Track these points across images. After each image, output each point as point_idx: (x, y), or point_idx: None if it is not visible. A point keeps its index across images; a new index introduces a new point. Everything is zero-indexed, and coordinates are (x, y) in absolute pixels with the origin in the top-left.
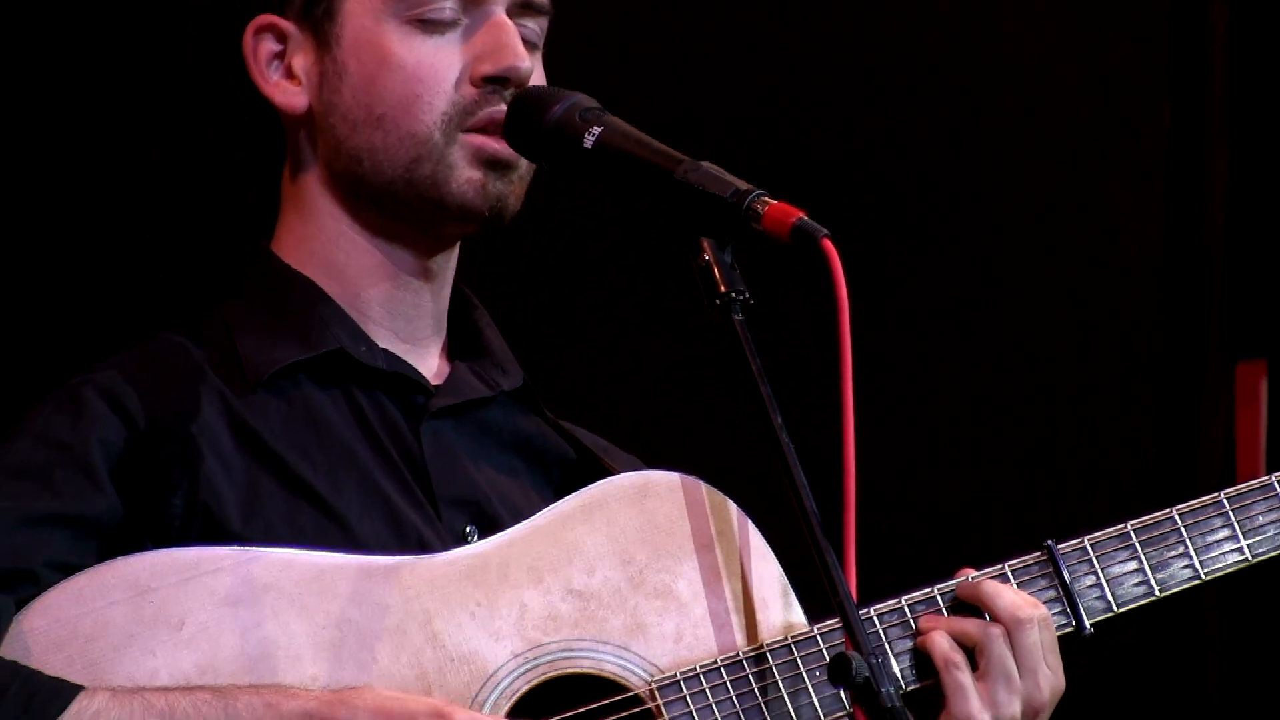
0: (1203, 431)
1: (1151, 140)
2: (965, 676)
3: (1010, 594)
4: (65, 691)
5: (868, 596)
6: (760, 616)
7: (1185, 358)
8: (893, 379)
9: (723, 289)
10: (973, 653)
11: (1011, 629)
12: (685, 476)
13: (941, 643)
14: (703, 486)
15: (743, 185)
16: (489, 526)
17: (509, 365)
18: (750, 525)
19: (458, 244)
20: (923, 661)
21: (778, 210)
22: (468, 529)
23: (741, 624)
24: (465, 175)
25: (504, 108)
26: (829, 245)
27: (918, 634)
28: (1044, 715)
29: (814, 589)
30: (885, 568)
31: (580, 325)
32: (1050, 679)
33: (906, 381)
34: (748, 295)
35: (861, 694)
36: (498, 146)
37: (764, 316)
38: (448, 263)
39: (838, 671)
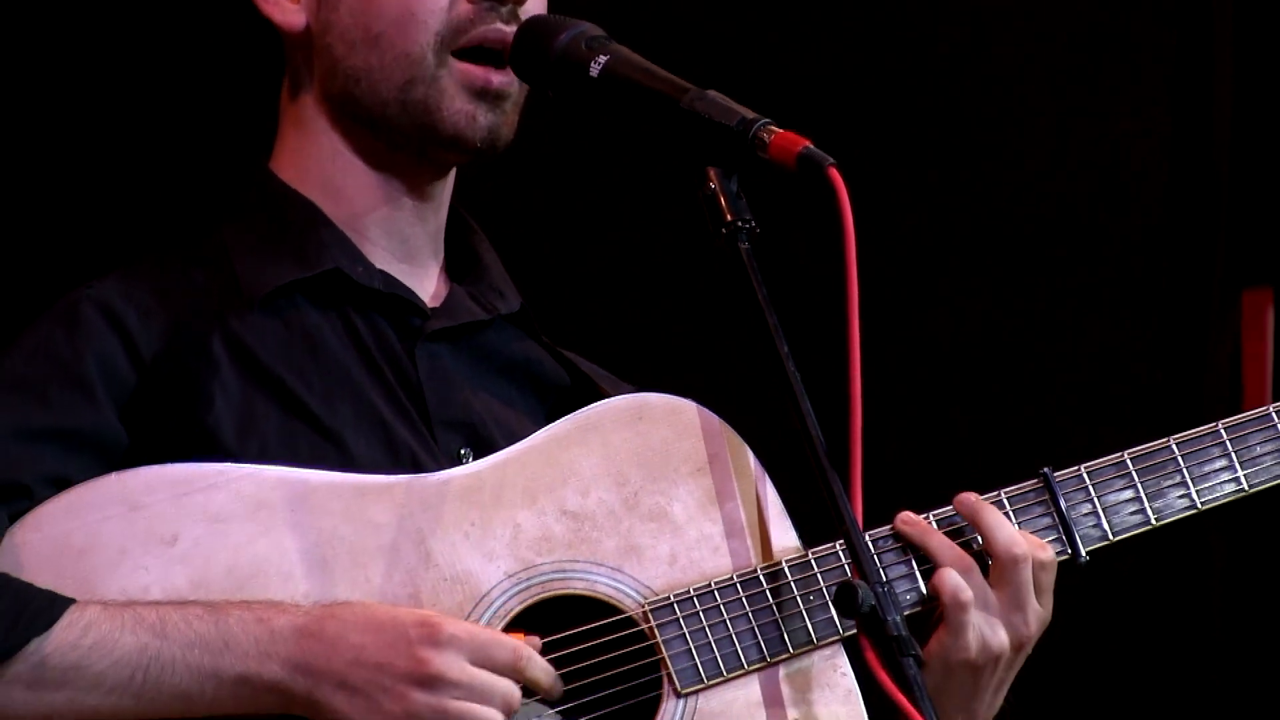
0: (1208, 360)
1: (1156, 66)
2: (970, 615)
3: (1008, 528)
4: (57, 604)
5: (869, 522)
6: (755, 540)
7: (1191, 285)
8: (897, 307)
9: (729, 218)
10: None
11: (1005, 564)
12: (681, 399)
13: (951, 580)
14: (699, 410)
15: (749, 114)
16: (484, 449)
17: (507, 290)
18: (746, 449)
19: (454, 169)
20: (918, 589)
21: (783, 139)
22: (462, 451)
23: (736, 547)
24: (456, 106)
25: (499, 26)
26: (835, 173)
27: (910, 540)
28: (1028, 647)
29: (816, 516)
30: (882, 493)
31: (582, 253)
32: (1039, 614)
33: (910, 309)
34: (754, 224)
35: (867, 623)
36: (487, 77)
37: (770, 245)
38: (444, 186)
39: (843, 600)
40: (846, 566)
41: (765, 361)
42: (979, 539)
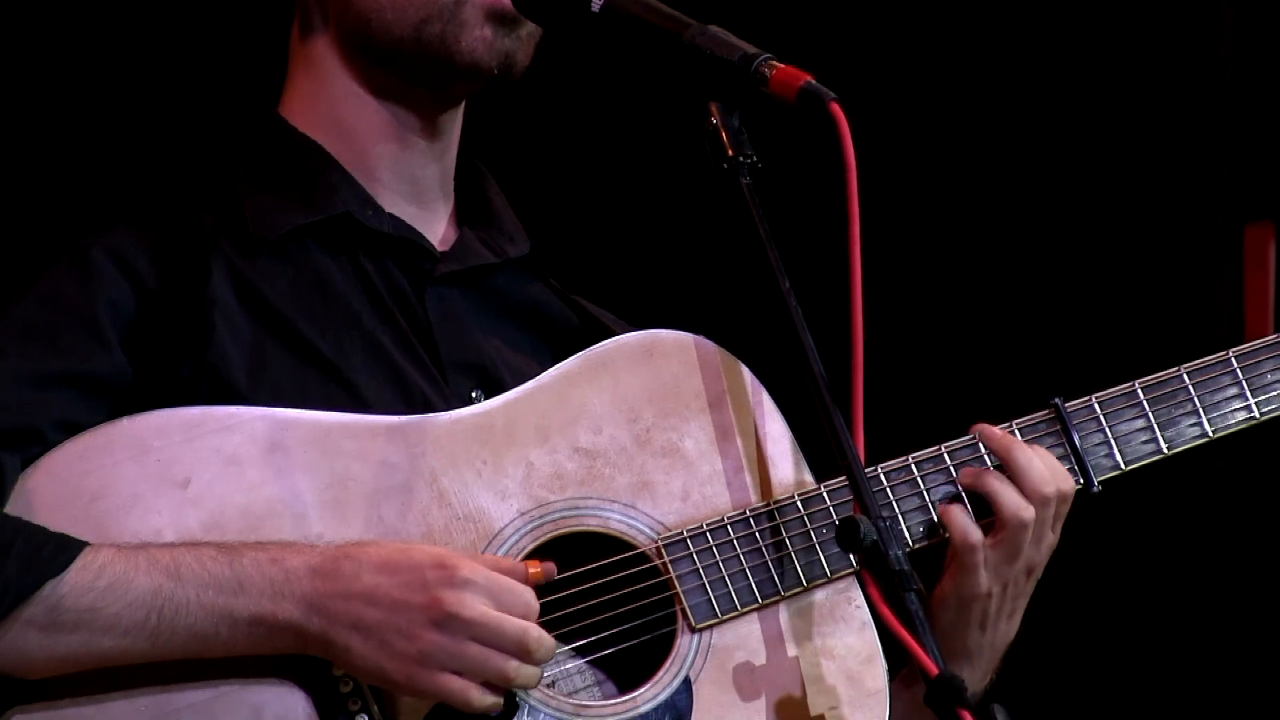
0: (1210, 295)
1: (1159, 1)
2: (980, 554)
3: (1039, 468)
4: (71, 547)
5: (876, 455)
6: (767, 475)
7: (1193, 220)
8: (900, 240)
9: (730, 153)
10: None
11: (1036, 507)
12: (693, 335)
13: (961, 521)
14: (710, 345)
15: (750, 49)
16: (495, 391)
17: (516, 234)
18: (758, 384)
19: (463, 104)
20: (932, 522)
21: (785, 74)
22: (474, 393)
23: (748, 482)
24: (475, 33)
25: None
26: (836, 108)
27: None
28: (1039, 571)
29: (821, 450)
30: (892, 426)
31: (586, 192)
32: (1050, 540)
33: (914, 242)
34: (755, 159)
35: (869, 557)
36: (506, 1)
37: (771, 180)
38: (454, 122)
39: (845, 535)
40: (887, 493)
41: (767, 297)
42: (955, 471)
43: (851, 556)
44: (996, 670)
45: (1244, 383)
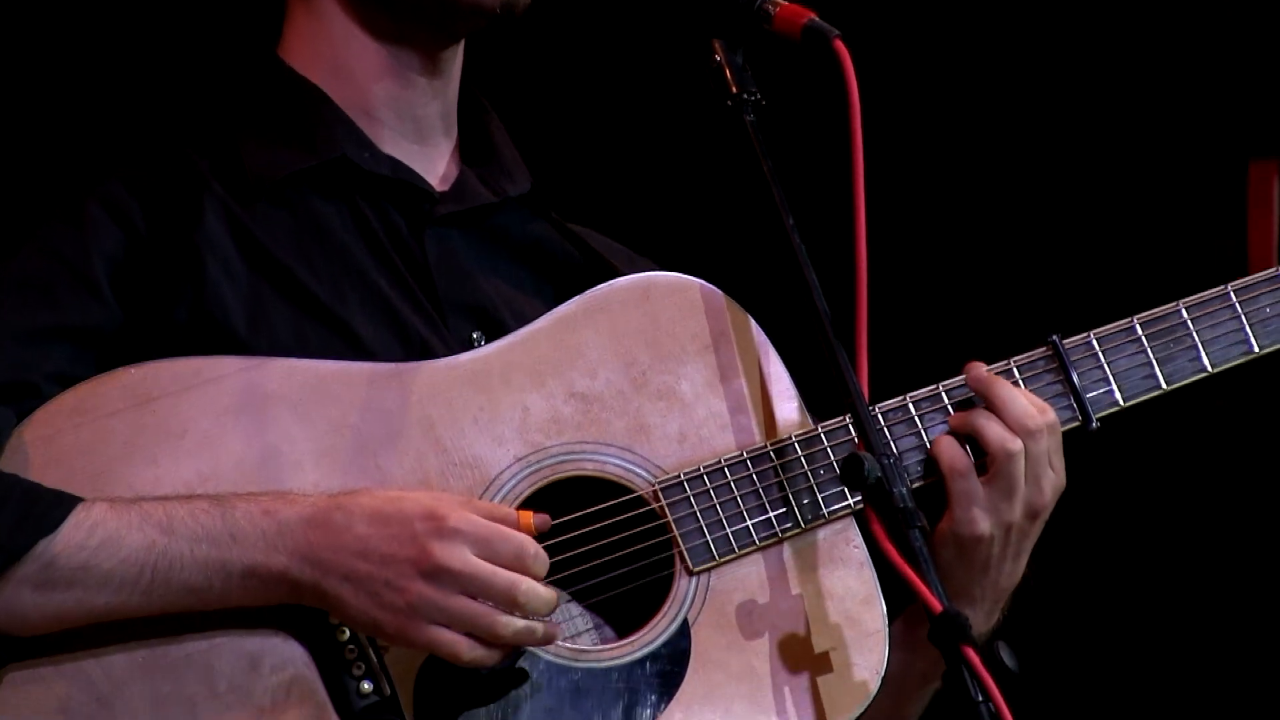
0: (1214, 232)
1: None
2: (969, 483)
3: (1021, 402)
4: (64, 503)
5: (876, 395)
6: (764, 416)
7: (1196, 157)
8: (903, 178)
9: (734, 90)
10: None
11: (1021, 439)
12: (687, 277)
13: (949, 449)
14: (707, 288)
15: None
16: (496, 333)
17: (517, 171)
18: (754, 325)
19: (463, 41)
20: (929, 460)
21: (788, 10)
22: (474, 335)
23: (746, 424)
24: None
25: None
26: (840, 46)
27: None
28: (1045, 514)
29: (823, 391)
30: (891, 365)
31: (590, 130)
32: (1053, 480)
33: (916, 180)
34: (759, 96)
35: (873, 495)
36: None
37: (775, 118)
38: (455, 60)
39: (849, 472)
40: (855, 440)
41: (770, 235)
42: (953, 410)
43: (850, 496)
44: (1004, 612)
45: (1243, 317)
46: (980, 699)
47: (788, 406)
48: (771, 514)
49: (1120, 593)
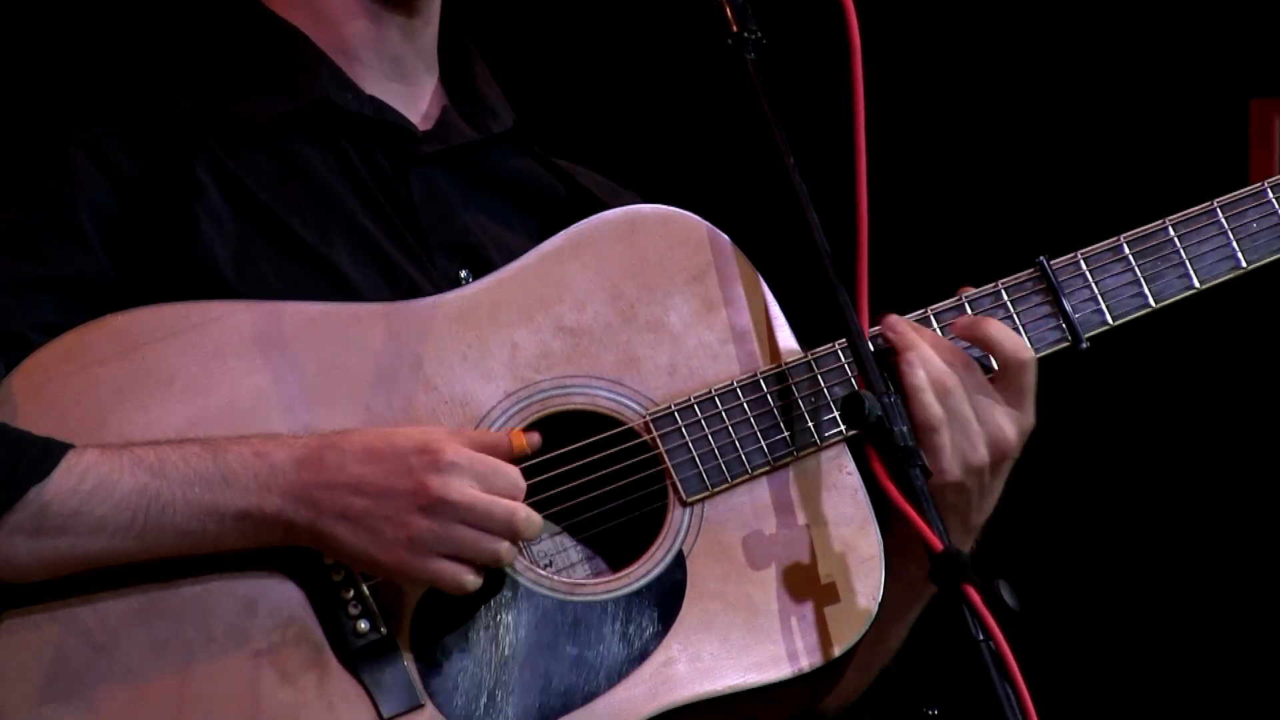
0: (1215, 170)
1: None
2: (943, 437)
3: (945, 342)
4: (54, 451)
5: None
6: (753, 346)
7: (1197, 95)
8: (900, 110)
9: (734, 29)
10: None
11: (963, 375)
12: (673, 209)
13: (920, 405)
14: (693, 219)
15: None
16: (483, 271)
17: (500, 108)
18: (741, 255)
19: None
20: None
21: None
22: (462, 274)
23: (735, 353)
24: None
25: None
26: None
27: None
28: (1012, 454)
29: (819, 325)
30: (880, 287)
31: (585, 65)
32: (1016, 418)
33: (912, 110)
34: (760, 35)
35: (874, 433)
36: None
37: (776, 56)
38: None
39: (850, 411)
40: (847, 366)
41: (771, 175)
42: (941, 333)
43: (843, 425)
44: (976, 544)
45: (1229, 233)
46: (981, 638)
47: (777, 335)
48: (764, 442)
49: (1120, 525)
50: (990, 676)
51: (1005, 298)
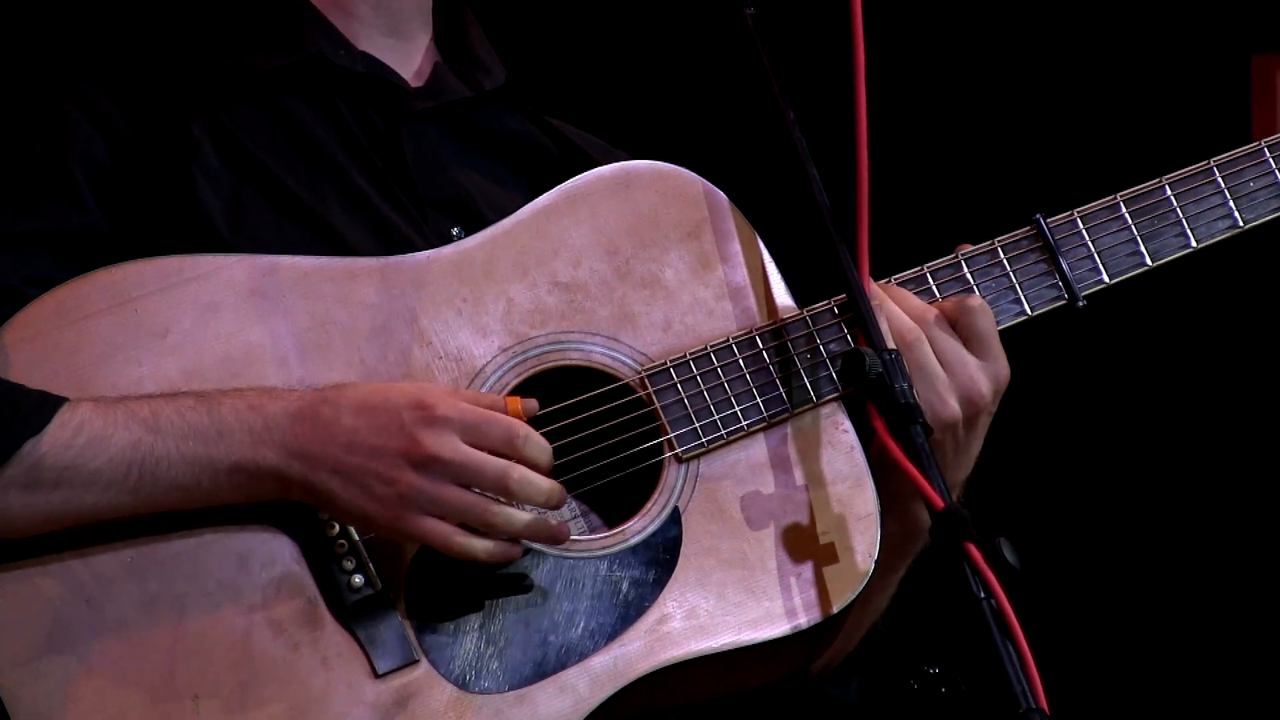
0: (1216, 126)
1: None
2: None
3: (908, 300)
4: (48, 405)
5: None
6: (748, 302)
7: (1198, 51)
8: (899, 66)
9: None
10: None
11: (925, 327)
12: (669, 165)
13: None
14: (688, 175)
15: None
16: (475, 227)
17: (492, 63)
18: (736, 212)
19: None
20: None
21: None
22: (454, 230)
23: (731, 310)
24: None
25: None
26: None
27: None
28: (988, 409)
29: (818, 281)
30: (876, 244)
31: (581, 19)
32: (985, 369)
33: (911, 66)
34: None
35: (874, 390)
36: None
37: (775, 10)
38: None
39: (850, 368)
40: (843, 323)
41: (770, 128)
42: (939, 290)
43: (839, 382)
44: (960, 500)
45: (1226, 191)
46: (983, 596)
47: (773, 292)
48: (759, 399)
49: (1123, 480)
50: (991, 635)
51: (1002, 255)
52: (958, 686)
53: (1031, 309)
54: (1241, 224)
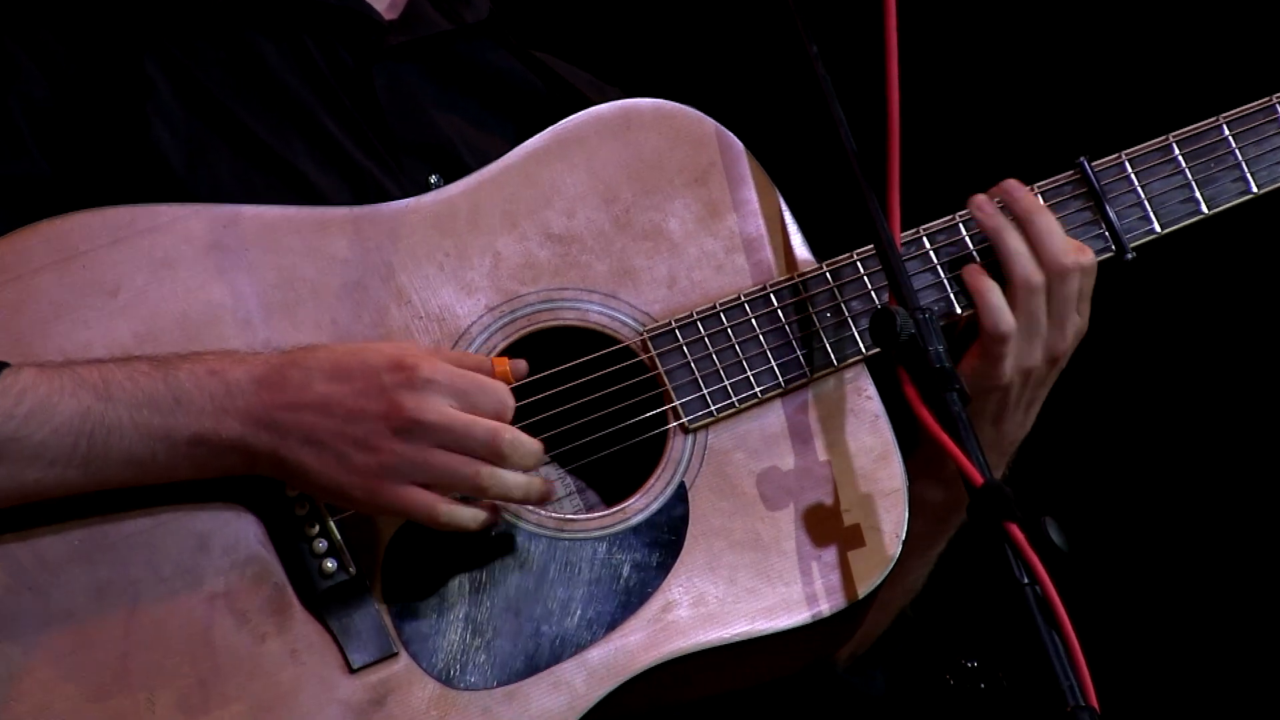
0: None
1: None
2: (1010, 345)
3: (1060, 237)
4: None
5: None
6: (762, 256)
7: None
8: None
9: None
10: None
11: (1053, 279)
12: (673, 104)
13: (993, 312)
14: (695, 114)
15: None
16: (455, 175)
17: None
18: (748, 155)
19: None
20: (946, 299)
21: None
22: (432, 178)
23: (742, 264)
24: None
25: None
26: None
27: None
28: (1063, 361)
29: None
30: (907, 189)
31: None
32: (1076, 324)
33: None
34: None
35: (905, 352)
36: None
37: None
38: None
39: (880, 328)
40: (867, 278)
41: (791, 65)
42: (971, 241)
43: (865, 344)
44: (1009, 466)
45: None
46: (1026, 581)
47: (789, 244)
48: (774, 363)
49: (1179, 456)
50: (1036, 624)
51: (1042, 202)
52: (998, 682)
53: None
54: None
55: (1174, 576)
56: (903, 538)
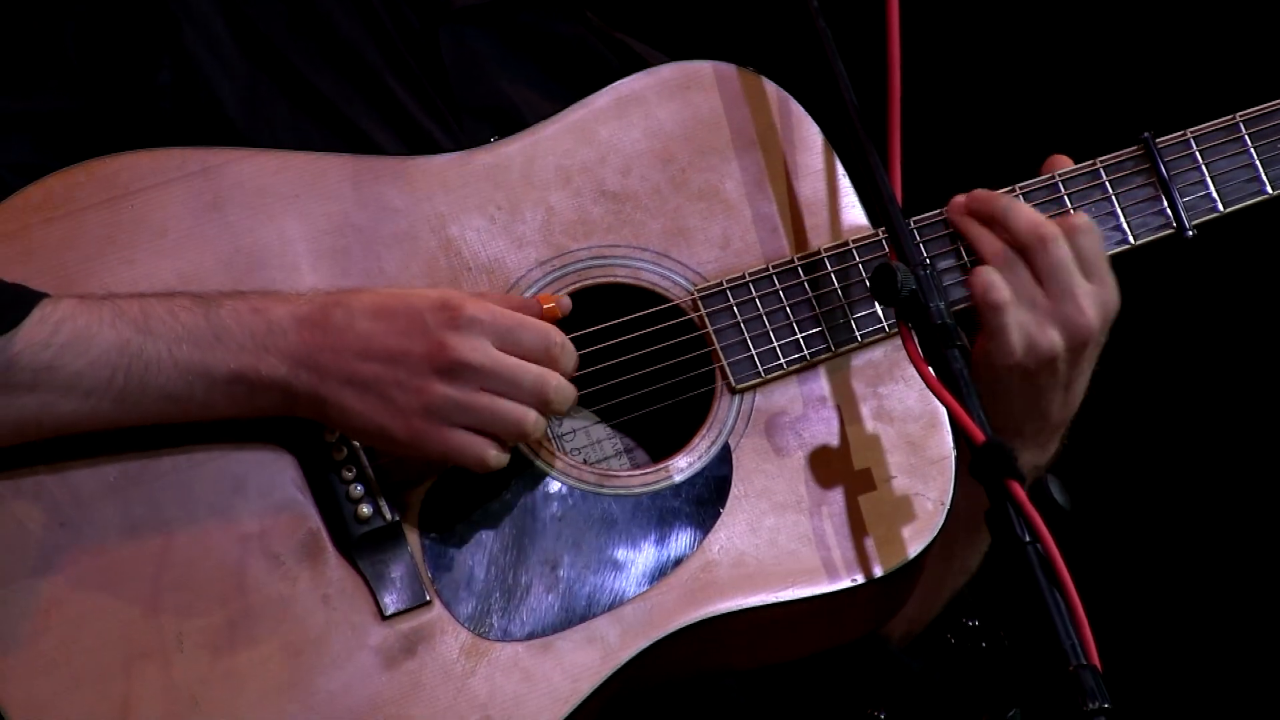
0: None
1: None
2: (1007, 316)
3: (1025, 211)
4: (25, 300)
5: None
6: (818, 219)
7: None
8: None
9: None
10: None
11: (1029, 247)
12: (737, 67)
13: (981, 278)
14: (756, 78)
15: None
16: None
17: None
18: (808, 119)
19: None
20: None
21: None
22: (492, 140)
23: (797, 227)
24: None
25: None
26: None
27: (957, 229)
28: (1094, 339)
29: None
30: (963, 163)
31: None
32: (1095, 295)
33: None
34: None
35: (907, 309)
36: None
37: None
38: None
39: (880, 284)
40: (921, 247)
41: (792, 18)
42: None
43: (884, 309)
44: (1063, 443)
45: None
46: (1028, 539)
47: (845, 209)
48: (825, 326)
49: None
50: (1037, 583)
51: (1104, 177)
52: (1000, 641)
53: (1135, 237)
54: None
55: (1176, 537)
56: (948, 505)
